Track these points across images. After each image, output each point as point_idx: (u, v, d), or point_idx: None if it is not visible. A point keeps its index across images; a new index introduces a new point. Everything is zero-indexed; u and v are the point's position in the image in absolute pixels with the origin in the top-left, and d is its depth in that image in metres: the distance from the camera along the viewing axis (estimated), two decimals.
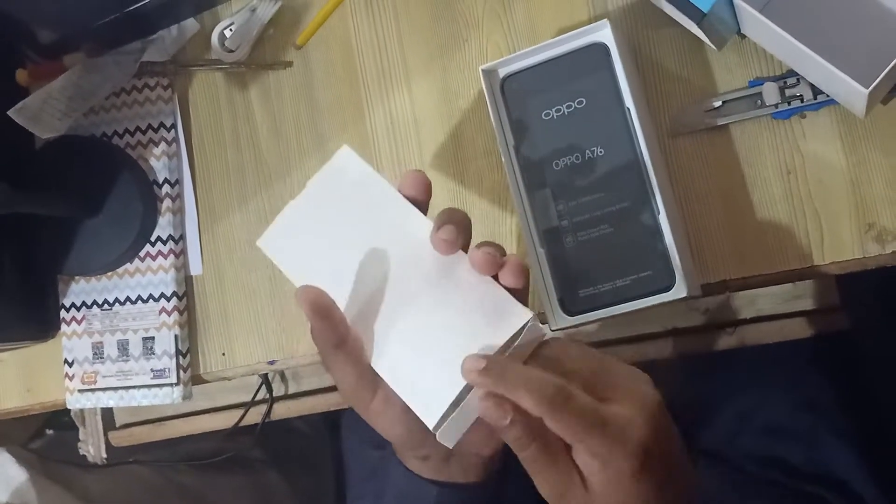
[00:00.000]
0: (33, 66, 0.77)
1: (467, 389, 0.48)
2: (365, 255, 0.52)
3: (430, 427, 0.49)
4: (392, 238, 0.52)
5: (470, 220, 0.52)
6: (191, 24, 0.75)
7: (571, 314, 0.61)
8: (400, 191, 0.53)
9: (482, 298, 0.50)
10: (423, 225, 0.52)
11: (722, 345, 0.76)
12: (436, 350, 0.50)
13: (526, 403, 0.44)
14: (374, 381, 0.51)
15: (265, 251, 0.55)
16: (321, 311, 0.50)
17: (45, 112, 0.73)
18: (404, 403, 0.50)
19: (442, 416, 0.49)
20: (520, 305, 0.50)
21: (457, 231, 0.50)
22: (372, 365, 0.51)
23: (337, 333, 0.50)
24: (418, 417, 0.50)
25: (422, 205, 0.53)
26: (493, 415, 0.45)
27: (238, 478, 1.08)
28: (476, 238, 0.52)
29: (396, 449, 0.57)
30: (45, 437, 1.20)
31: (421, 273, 0.51)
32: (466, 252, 0.51)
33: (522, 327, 0.49)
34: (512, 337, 0.49)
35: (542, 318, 0.64)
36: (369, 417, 0.53)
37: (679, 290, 0.58)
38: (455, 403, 0.49)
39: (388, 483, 0.59)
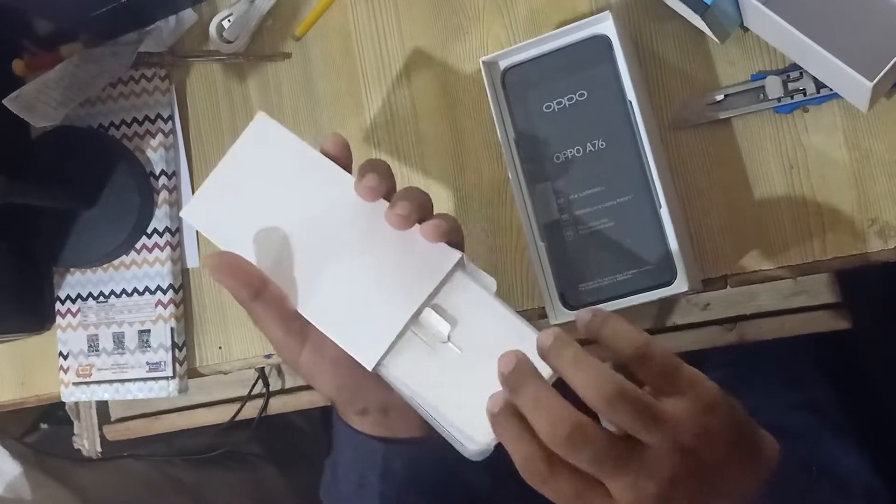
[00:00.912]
0: (30, 57, 0.77)
1: (403, 331, 0.50)
2: (290, 215, 0.53)
3: (370, 367, 0.50)
4: (316, 196, 0.53)
5: (390, 169, 0.53)
6: (189, 15, 0.74)
7: (572, 308, 0.60)
8: (323, 151, 0.54)
9: (412, 243, 0.51)
10: (346, 180, 0.52)
11: (721, 341, 0.76)
12: (368, 294, 0.51)
13: (582, 391, 0.43)
14: (301, 332, 0.52)
15: (189, 221, 0.56)
16: (226, 270, 0.51)
17: (40, 101, 0.72)
18: (334, 354, 0.51)
19: (382, 357, 0.50)
20: (448, 248, 0.50)
21: (379, 178, 0.50)
22: (303, 313, 0.52)
23: (250, 287, 0.51)
24: (349, 369, 0.51)
25: (344, 166, 0.54)
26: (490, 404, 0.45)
27: (234, 473, 1.08)
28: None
29: (336, 406, 0.57)
30: (39, 431, 1.20)
31: (348, 225, 0.52)
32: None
33: (453, 268, 0.50)
34: (446, 277, 0.50)
35: (542, 312, 0.64)
36: (301, 371, 0.54)
37: (680, 285, 0.58)
38: (392, 345, 0.50)
39: (339, 448, 0.59)
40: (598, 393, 0.42)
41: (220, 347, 0.73)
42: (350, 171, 0.54)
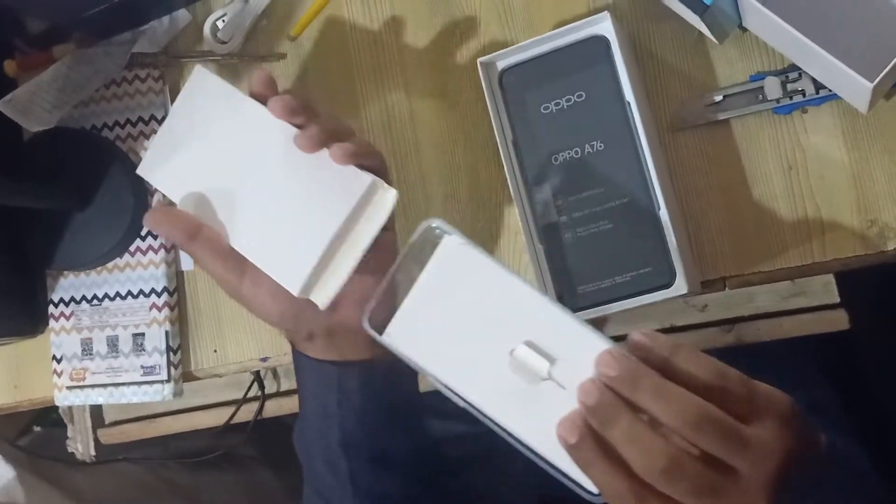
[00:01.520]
0: (22, 57, 0.76)
1: (329, 254, 0.53)
2: (224, 159, 0.56)
3: (295, 292, 0.53)
4: (246, 138, 0.56)
5: (345, 127, 0.55)
6: (182, 15, 0.74)
7: (571, 311, 0.60)
8: (251, 92, 0.56)
9: (329, 169, 0.53)
10: (269, 119, 0.55)
11: (719, 342, 0.76)
12: (289, 221, 0.54)
13: (666, 419, 0.42)
14: (239, 266, 0.55)
15: (146, 178, 0.59)
16: (161, 219, 0.56)
17: (34, 104, 0.72)
18: (271, 283, 0.54)
19: (306, 282, 0.53)
20: (360, 171, 0.53)
21: (321, 131, 0.53)
22: (235, 246, 0.55)
23: (185, 231, 0.55)
24: (286, 296, 0.54)
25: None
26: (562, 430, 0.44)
27: (230, 475, 1.07)
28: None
29: (287, 338, 0.60)
30: (32, 433, 1.19)
31: (273, 159, 0.55)
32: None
33: (366, 191, 0.53)
34: (360, 200, 0.53)
35: None
36: (244, 302, 0.57)
37: (679, 287, 0.58)
38: (318, 268, 0.53)
39: (301, 382, 0.61)
40: (684, 418, 0.41)
41: (215, 351, 0.73)
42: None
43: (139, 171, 0.59)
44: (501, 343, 0.47)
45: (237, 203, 0.56)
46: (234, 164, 0.56)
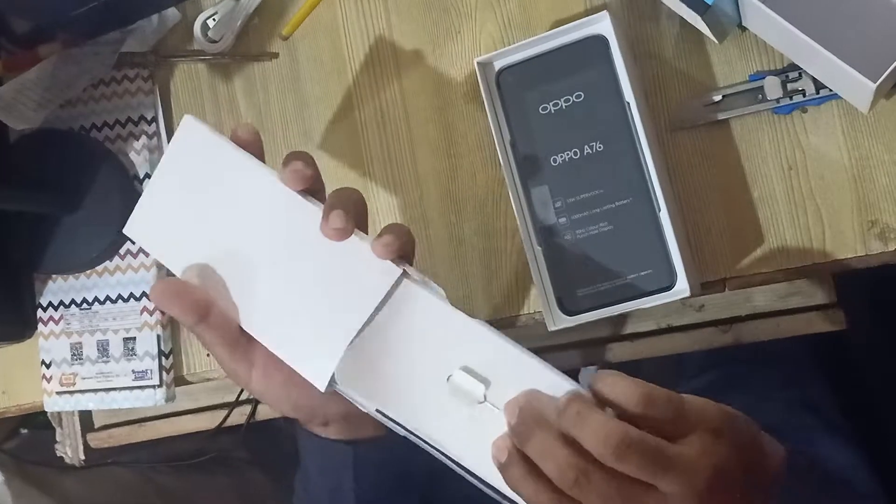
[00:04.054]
0: (7, 57, 0.74)
1: (353, 344, 0.48)
2: (227, 225, 0.51)
3: (322, 388, 0.49)
4: (251, 203, 0.51)
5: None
6: (172, 14, 0.72)
7: (570, 314, 0.59)
8: (234, 139, 0.52)
9: (352, 252, 0.49)
10: (275, 185, 0.50)
11: (717, 342, 0.75)
12: (311, 306, 0.49)
13: (588, 445, 0.42)
14: (247, 354, 0.51)
15: (133, 237, 0.55)
16: (170, 296, 0.50)
17: (18, 102, 0.70)
18: (284, 375, 0.50)
19: (332, 377, 0.48)
20: (388, 262, 0.49)
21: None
22: (250, 332, 0.51)
23: (196, 312, 0.50)
24: (303, 388, 0.49)
25: (256, 152, 0.52)
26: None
27: (221, 478, 1.06)
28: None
29: (297, 421, 0.57)
30: (19, 436, 1.17)
31: (285, 234, 0.50)
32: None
33: (396, 282, 0.48)
34: (388, 292, 0.48)
35: (539, 317, 0.63)
36: (254, 394, 0.53)
37: (681, 290, 0.57)
38: (343, 360, 0.48)
39: (306, 458, 0.59)
40: (604, 444, 0.41)
41: (207, 354, 0.72)
42: (262, 157, 0.52)
43: (126, 231, 0.54)
44: (439, 370, 0.47)
45: (248, 280, 0.51)
46: (239, 232, 0.51)
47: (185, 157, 0.52)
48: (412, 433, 0.48)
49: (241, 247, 0.51)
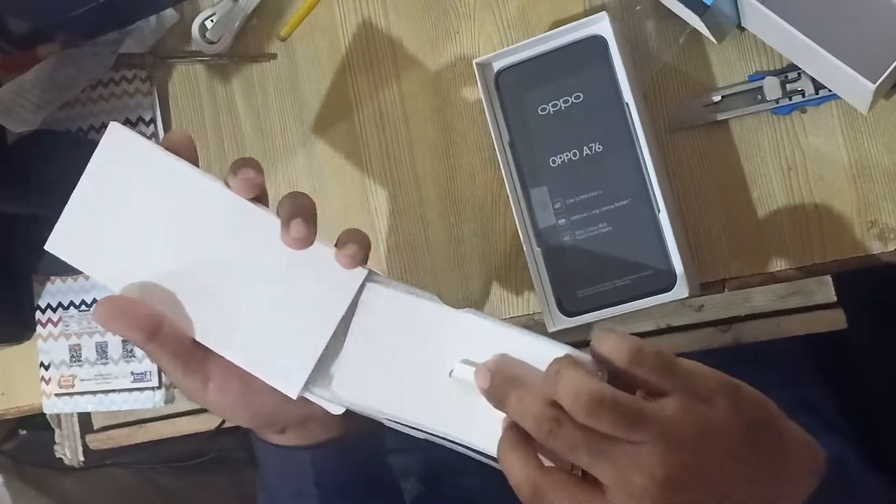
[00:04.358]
0: (5, 57, 0.74)
1: (326, 352, 0.48)
2: (166, 236, 0.49)
3: (293, 395, 0.48)
4: (190, 211, 0.48)
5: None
6: (170, 15, 0.72)
7: (570, 315, 0.59)
8: (167, 146, 0.49)
9: (314, 261, 0.47)
10: (217, 190, 0.48)
11: (716, 343, 0.75)
12: (275, 315, 0.48)
13: (563, 404, 0.42)
14: (201, 368, 0.49)
15: (57, 254, 0.51)
16: (116, 316, 0.47)
17: (17, 104, 0.70)
18: (240, 387, 0.49)
19: (304, 385, 0.48)
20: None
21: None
22: (210, 346, 0.49)
23: (145, 329, 0.47)
24: (260, 398, 0.49)
25: (191, 158, 0.50)
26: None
27: (220, 478, 1.06)
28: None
29: (248, 427, 0.55)
30: (18, 437, 1.17)
31: (233, 241, 0.48)
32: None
33: (362, 283, 0.47)
34: (355, 296, 0.47)
35: (539, 318, 0.63)
36: (209, 408, 0.51)
37: (680, 291, 0.57)
38: (315, 369, 0.48)
39: (264, 467, 0.57)
40: (576, 400, 0.41)
41: None
42: (196, 163, 0.50)
43: (48, 247, 0.50)
44: (437, 366, 0.47)
45: (200, 291, 0.48)
46: (184, 242, 0.48)
47: (112, 166, 0.49)
48: (427, 432, 0.48)
49: (188, 258, 0.49)
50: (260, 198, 0.49)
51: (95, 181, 0.50)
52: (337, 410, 0.49)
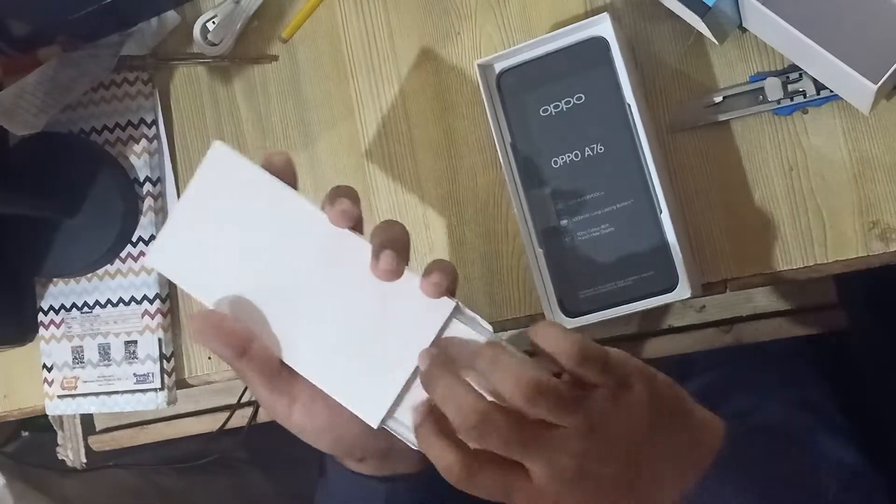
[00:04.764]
0: (6, 60, 0.74)
1: (408, 383, 0.48)
2: (262, 256, 0.50)
3: (374, 425, 0.48)
4: (287, 234, 0.49)
5: (357, 194, 0.50)
6: (171, 17, 0.72)
7: (572, 316, 0.59)
8: (266, 166, 0.50)
9: (402, 290, 0.48)
10: (316, 215, 0.49)
11: (718, 343, 0.75)
12: (362, 342, 0.49)
13: (502, 389, 0.44)
14: (288, 389, 0.50)
15: (156, 268, 0.52)
16: (211, 332, 0.48)
17: (19, 108, 0.70)
18: (326, 412, 0.50)
19: (385, 415, 0.48)
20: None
21: (351, 202, 0.48)
22: (296, 368, 0.49)
23: (236, 347, 0.48)
24: (344, 424, 0.49)
25: (290, 182, 0.51)
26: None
27: (222, 479, 1.06)
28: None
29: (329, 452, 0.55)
30: (20, 439, 1.17)
31: (327, 266, 0.49)
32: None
33: (450, 316, 0.48)
34: (442, 327, 0.48)
35: (540, 319, 0.62)
36: (293, 429, 0.51)
37: (682, 291, 0.57)
38: (398, 399, 0.48)
39: (334, 487, 0.57)
40: (516, 385, 0.43)
41: (209, 357, 0.72)
42: (295, 183, 0.51)
43: (148, 262, 0.53)
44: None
45: (289, 313, 0.49)
46: (276, 263, 0.49)
47: (213, 183, 0.50)
48: None
49: (279, 279, 0.49)
50: (355, 226, 0.50)
51: (196, 197, 0.51)
52: (416, 444, 0.48)
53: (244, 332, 0.49)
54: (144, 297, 0.71)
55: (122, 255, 0.72)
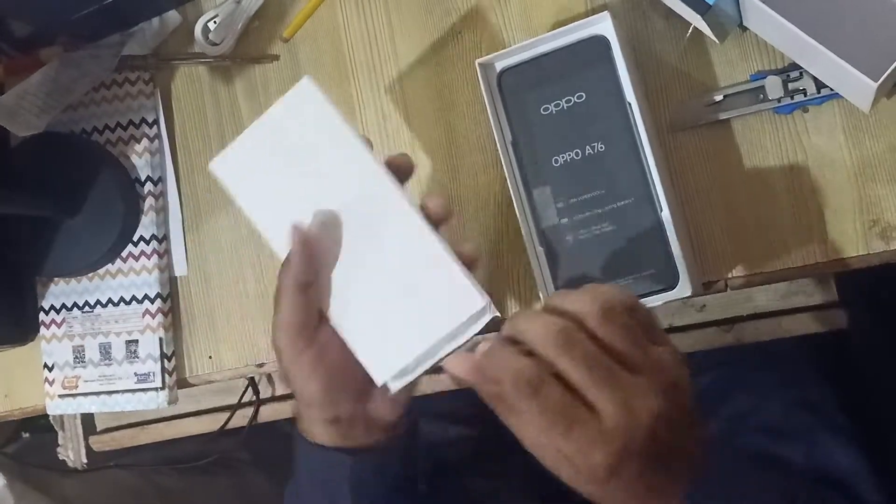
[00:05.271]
0: (8, 61, 0.74)
1: (419, 358, 0.50)
2: (322, 200, 0.52)
3: (378, 382, 0.51)
4: (351, 188, 0.51)
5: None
6: (173, 17, 0.72)
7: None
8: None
9: (443, 271, 0.50)
10: (383, 179, 0.51)
11: (719, 342, 0.75)
12: (392, 306, 0.51)
13: (540, 348, 0.43)
14: (312, 334, 0.52)
15: (217, 175, 0.54)
16: (306, 249, 0.51)
17: (22, 108, 0.70)
18: (334, 360, 0.52)
19: (389, 378, 0.51)
20: (477, 292, 0.50)
21: (446, 204, 0.52)
22: (331, 318, 0.52)
23: (308, 275, 0.51)
24: (341, 378, 0.52)
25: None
26: None
27: (222, 480, 1.06)
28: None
29: (302, 412, 0.56)
30: (21, 440, 1.17)
31: (380, 230, 0.51)
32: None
33: (478, 313, 0.50)
34: (469, 318, 0.50)
35: None
36: (294, 369, 0.53)
37: (683, 290, 0.57)
38: (405, 368, 0.51)
39: (301, 471, 0.58)
40: (605, 305, 0.43)
41: (210, 357, 0.72)
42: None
43: (212, 166, 0.53)
44: None
45: (337, 266, 0.51)
46: (328, 209, 0.51)
47: (293, 114, 0.52)
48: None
49: (329, 224, 0.51)
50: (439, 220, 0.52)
51: (272, 123, 0.53)
52: (395, 388, 0.51)
53: (316, 268, 0.51)
54: (145, 297, 0.71)
55: (123, 254, 0.72)
